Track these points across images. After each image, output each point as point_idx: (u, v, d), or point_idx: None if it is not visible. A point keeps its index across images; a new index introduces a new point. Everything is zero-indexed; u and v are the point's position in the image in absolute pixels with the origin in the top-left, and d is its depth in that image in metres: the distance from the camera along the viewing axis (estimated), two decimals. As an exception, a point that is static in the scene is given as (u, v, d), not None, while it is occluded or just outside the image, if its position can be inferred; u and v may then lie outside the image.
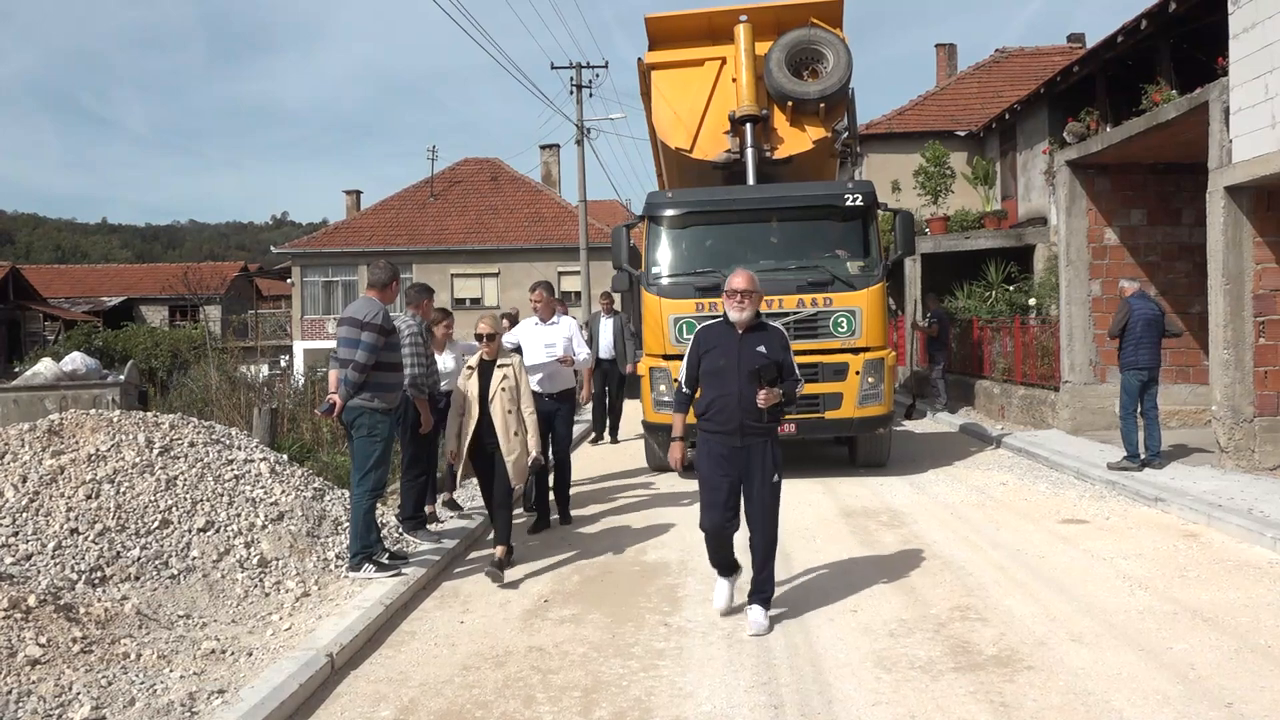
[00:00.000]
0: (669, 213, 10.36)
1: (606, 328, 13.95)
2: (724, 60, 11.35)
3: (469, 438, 6.64)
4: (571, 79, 28.51)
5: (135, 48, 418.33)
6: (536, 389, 7.85)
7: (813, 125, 11.27)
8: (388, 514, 7.58)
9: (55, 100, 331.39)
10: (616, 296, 13.75)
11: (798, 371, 5.39)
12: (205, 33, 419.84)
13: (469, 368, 6.72)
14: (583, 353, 8.43)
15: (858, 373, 9.80)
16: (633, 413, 13.33)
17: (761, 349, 5.23)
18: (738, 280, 5.28)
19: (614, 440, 14.02)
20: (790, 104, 11.04)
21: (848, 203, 10.14)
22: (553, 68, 29.15)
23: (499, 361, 6.66)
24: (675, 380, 5.25)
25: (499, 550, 6.61)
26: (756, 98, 10.94)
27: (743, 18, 11.06)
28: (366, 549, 6.32)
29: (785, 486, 6.35)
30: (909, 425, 14.70)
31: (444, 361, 7.93)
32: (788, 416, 10.54)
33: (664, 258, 10.35)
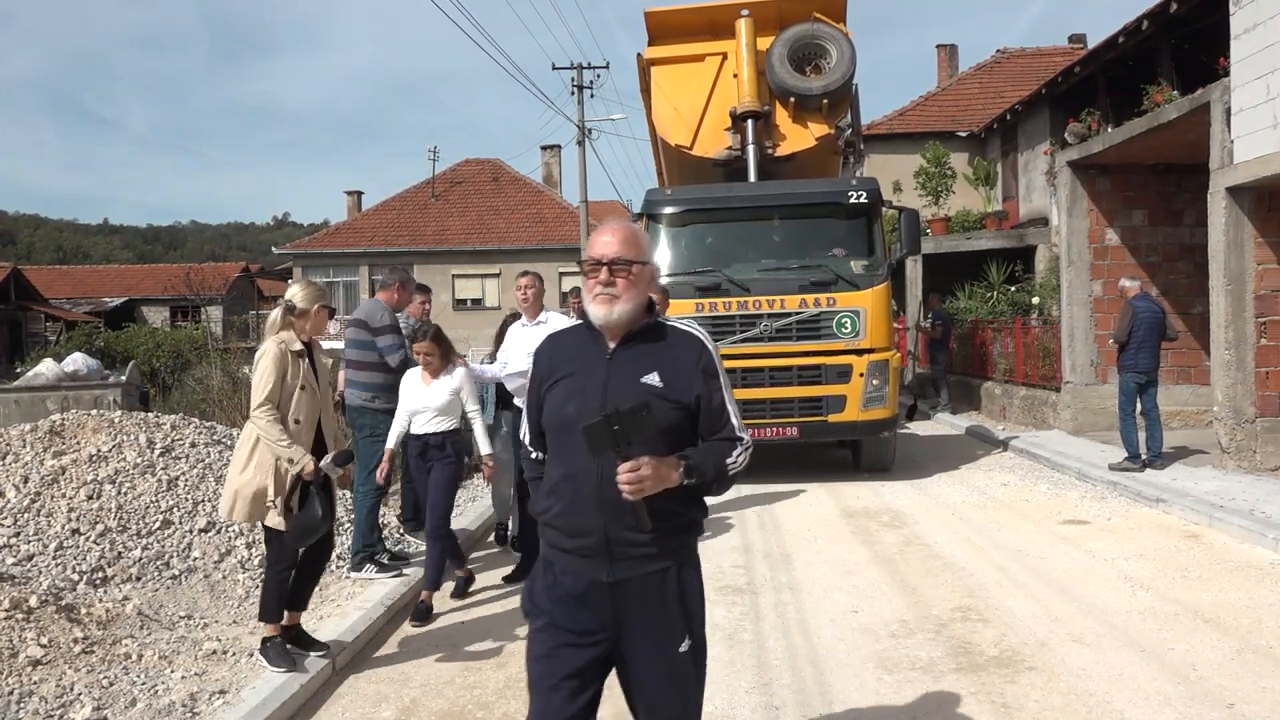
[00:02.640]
0: (668, 211, 10.24)
1: None
2: (725, 55, 11.21)
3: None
4: (572, 80, 28.56)
5: (136, 48, 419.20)
6: (519, 404, 6.38)
7: (815, 122, 11.15)
8: (388, 515, 7.58)
9: (56, 101, 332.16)
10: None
11: (737, 421, 2.65)
12: (206, 33, 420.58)
13: (297, 353, 4.73)
14: None
15: (861, 375, 9.67)
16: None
17: (651, 379, 2.57)
18: (601, 239, 2.64)
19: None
20: (793, 100, 10.93)
21: (852, 200, 10.01)
22: (554, 68, 29.23)
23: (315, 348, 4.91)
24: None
25: (274, 626, 4.70)
26: (758, 94, 10.82)
27: (744, 12, 10.92)
28: (368, 549, 6.33)
29: (783, 489, 6.26)
30: (912, 427, 14.67)
31: (429, 395, 5.81)
32: (789, 419, 10.51)
33: (663, 257, 10.18)
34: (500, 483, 7.13)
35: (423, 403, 5.81)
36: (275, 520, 4.53)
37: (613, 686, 4.55)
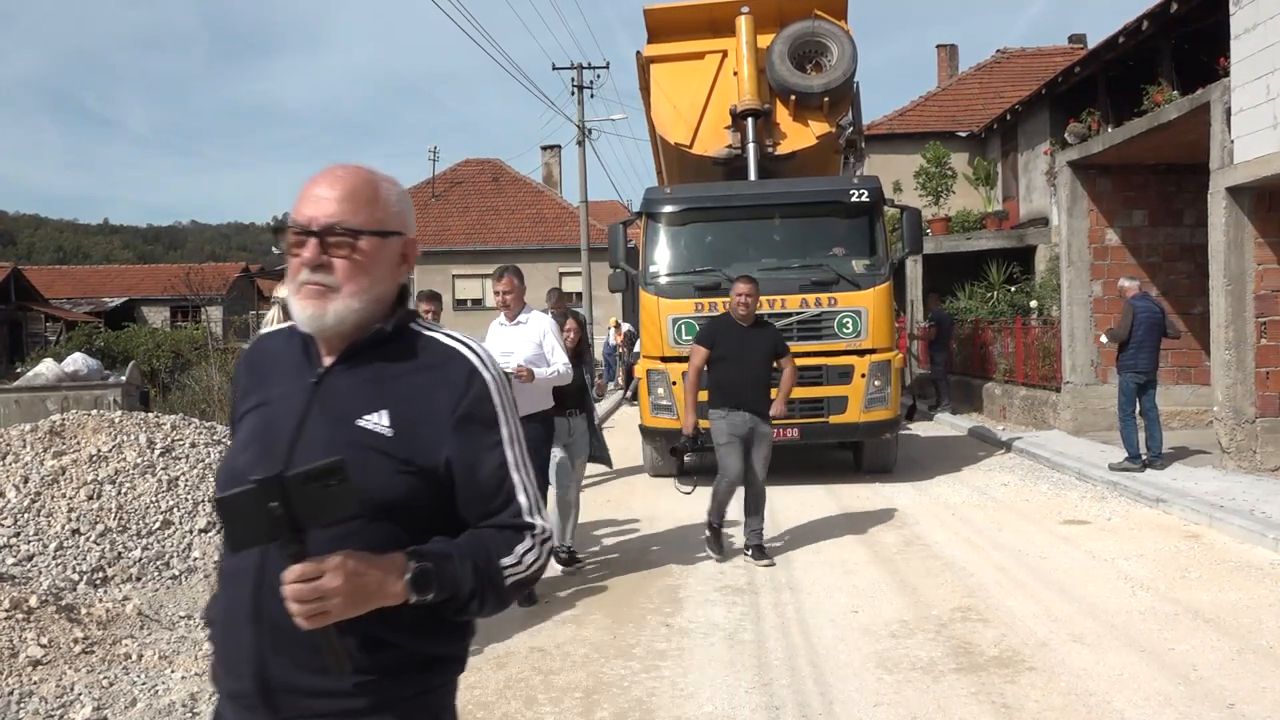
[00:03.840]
0: (667, 209, 10.16)
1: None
2: (725, 53, 11.12)
3: None
4: (573, 80, 28.54)
5: (137, 48, 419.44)
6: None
7: (816, 120, 11.05)
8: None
9: (57, 101, 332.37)
10: (615, 297, 12.65)
11: (527, 499, 1.64)
12: (207, 33, 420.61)
13: None
14: (554, 364, 6.04)
15: (863, 375, 9.56)
16: (622, 431, 13.27)
17: (374, 421, 1.58)
18: (313, 193, 1.61)
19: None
20: (793, 98, 10.84)
21: (853, 199, 9.91)
22: (554, 68, 29.17)
23: None
24: None
25: None
26: (758, 91, 10.73)
27: (744, 9, 10.83)
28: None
29: (783, 491, 6.25)
30: (914, 428, 14.64)
31: None
32: (789, 420, 10.39)
33: (662, 256, 10.15)
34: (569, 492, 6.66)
35: None
36: None
37: (611, 686, 4.56)
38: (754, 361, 6.85)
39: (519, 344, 5.98)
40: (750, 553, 6.87)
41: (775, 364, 7.00)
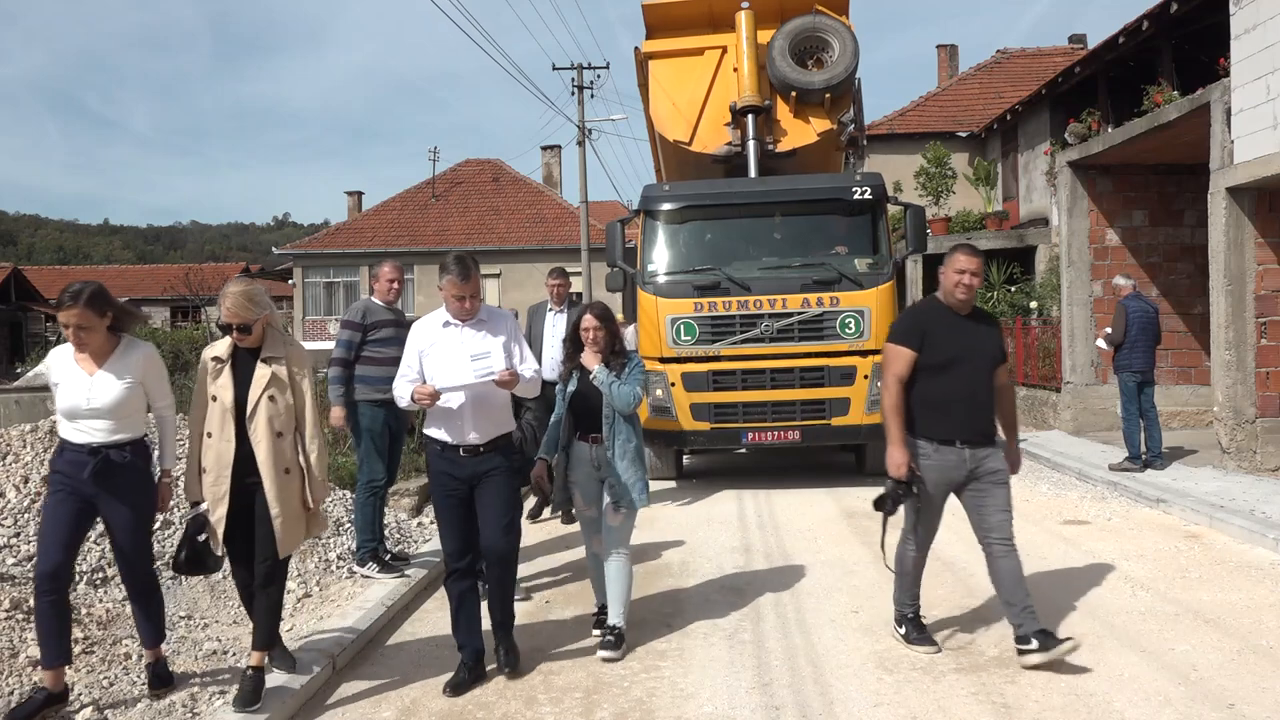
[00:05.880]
0: (666, 207, 10.05)
1: (558, 329, 8.31)
2: (725, 49, 11.02)
3: (227, 480, 4.30)
4: (573, 80, 28.59)
5: (139, 49, 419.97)
6: (466, 437, 4.69)
7: (817, 117, 10.91)
8: (390, 514, 7.55)
9: (58, 101, 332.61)
10: (615, 296, 11.97)
11: None
12: (209, 34, 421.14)
13: (215, 359, 4.33)
14: (530, 365, 4.87)
15: (866, 376, 9.41)
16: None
17: None
18: None
19: (565, 518, 8.28)
20: (794, 94, 10.71)
21: (855, 196, 9.78)
22: (554, 69, 29.24)
23: (264, 354, 4.31)
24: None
25: (253, 657, 4.27)
26: (759, 88, 10.61)
27: (745, 4, 10.73)
28: (368, 544, 6.32)
29: (784, 492, 6.25)
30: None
31: (91, 390, 4.21)
32: (791, 423, 9.99)
33: (661, 255, 10.02)
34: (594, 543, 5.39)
35: (79, 399, 4.19)
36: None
37: (611, 686, 4.55)
38: (977, 369, 4.82)
39: (489, 347, 4.69)
40: (1034, 642, 4.59)
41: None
